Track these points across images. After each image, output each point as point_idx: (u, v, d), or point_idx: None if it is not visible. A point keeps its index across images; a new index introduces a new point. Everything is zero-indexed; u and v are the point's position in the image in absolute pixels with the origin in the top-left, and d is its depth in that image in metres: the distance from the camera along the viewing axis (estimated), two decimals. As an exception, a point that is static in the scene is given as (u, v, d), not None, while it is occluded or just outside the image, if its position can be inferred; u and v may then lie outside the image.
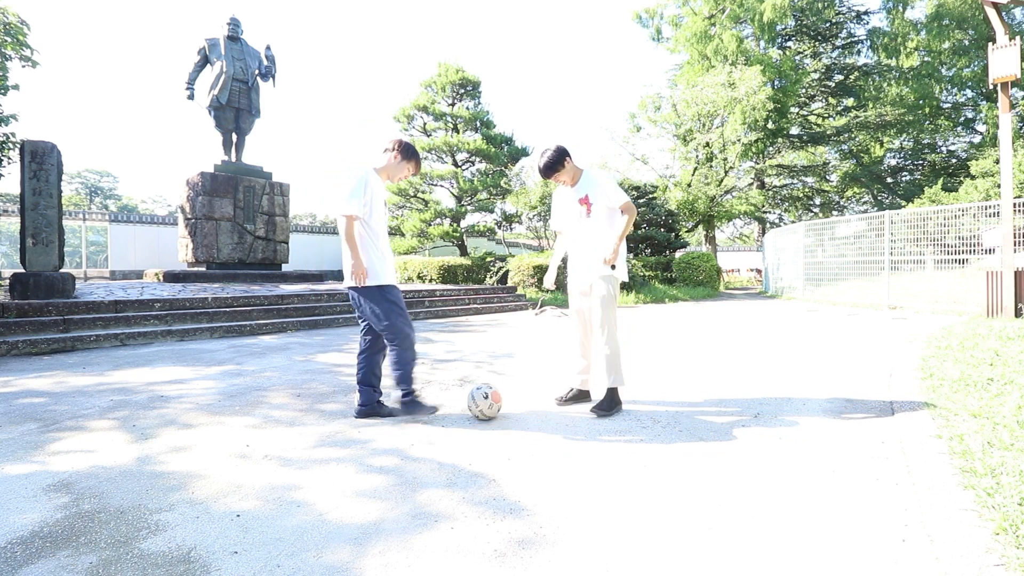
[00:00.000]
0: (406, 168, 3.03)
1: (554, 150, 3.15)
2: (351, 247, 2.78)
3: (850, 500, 1.92)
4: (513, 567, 1.50)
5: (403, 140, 3.02)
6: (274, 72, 12.05)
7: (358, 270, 2.78)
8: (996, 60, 7.20)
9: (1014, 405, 2.78)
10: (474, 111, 17.47)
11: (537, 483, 2.10)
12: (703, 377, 4.12)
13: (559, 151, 3.15)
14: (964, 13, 21.76)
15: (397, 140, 3.02)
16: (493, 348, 5.68)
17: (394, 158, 2.98)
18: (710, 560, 1.53)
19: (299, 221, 37.49)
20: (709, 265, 16.95)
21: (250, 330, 6.67)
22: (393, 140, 3.03)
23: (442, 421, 2.95)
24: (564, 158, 3.15)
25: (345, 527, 1.73)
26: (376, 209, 2.89)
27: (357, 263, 2.78)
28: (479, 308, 10.19)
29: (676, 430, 2.76)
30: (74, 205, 37.84)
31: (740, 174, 23.40)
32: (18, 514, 1.80)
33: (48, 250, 6.18)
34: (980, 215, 10.64)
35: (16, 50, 8.44)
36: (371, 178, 2.86)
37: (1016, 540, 1.51)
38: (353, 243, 2.77)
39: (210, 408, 3.18)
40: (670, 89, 24.20)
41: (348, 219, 2.75)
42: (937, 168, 26.36)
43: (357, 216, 2.77)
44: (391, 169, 3.00)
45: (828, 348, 5.58)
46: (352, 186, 2.77)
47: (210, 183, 10.88)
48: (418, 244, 17.44)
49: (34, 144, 6.08)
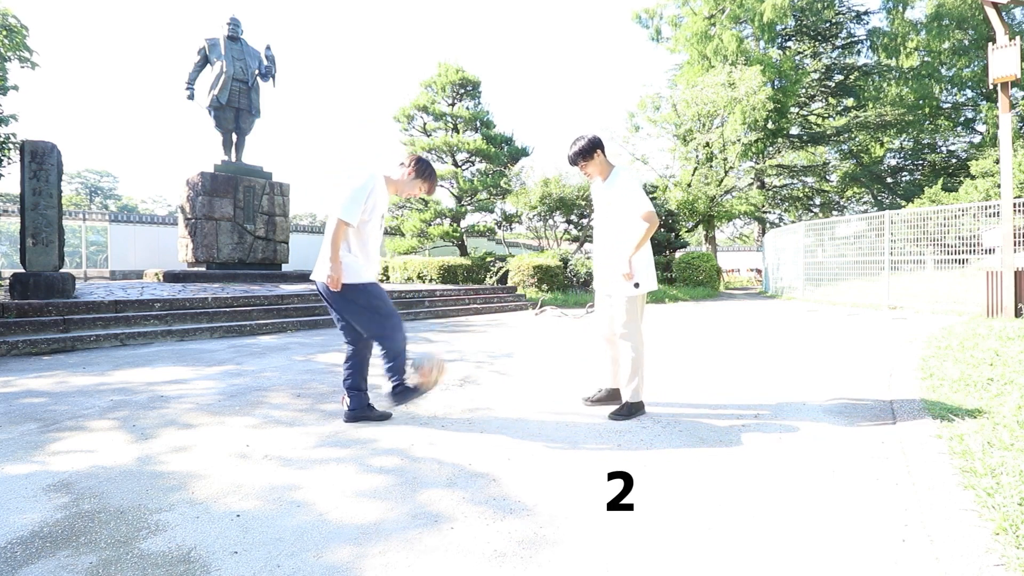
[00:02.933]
0: (418, 187, 2.96)
1: (587, 140, 3.02)
2: (333, 251, 2.67)
3: (850, 500, 1.92)
4: (514, 567, 1.50)
5: (421, 158, 2.95)
6: (274, 72, 12.04)
7: (335, 275, 2.67)
8: (996, 60, 7.20)
9: (1014, 405, 2.78)
10: (474, 111, 17.47)
11: (537, 483, 2.10)
12: (703, 377, 4.12)
13: (591, 142, 3.01)
14: (964, 13, 21.75)
15: (415, 157, 2.95)
16: (493, 348, 5.68)
17: (408, 174, 2.92)
18: (710, 560, 1.53)
19: (299, 221, 37.48)
20: (709, 265, 16.95)
21: (250, 330, 6.67)
22: (411, 156, 2.96)
23: (442, 421, 2.95)
24: (595, 150, 3.02)
25: (345, 527, 1.73)
26: (373, 219, 2.81)
27: (336, 267, 2.67)
28: (479, 308, 10.19)
29: (676, 430, 2.76)
30: (74, 205, 37.83)
31: (740, 174, 23.37)
32: (18, 514, 1.80)
33: (48, 250, 6.18)
34: (980, 215, 10.64)
35: (15, 51, 8.45)
36: (377, 187, 2.78)
37: (1016, 540, 1.51)
38: (336, 248, 2.67)
39: (210, 408, 3.18)
40: (670, 89, 24.19)
41: (340, 224, 2.67)
42: (937, 168, 26.35)
43: (352, 225, 2.70)
44: (402, 184, 2.94)
45: (828, 348, 5.57)
46: (355, 193, 2.69)
47: (210, 183, 10.87)
48: (418, 244, 17.43)
49: (34, 144, 6.08)
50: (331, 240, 2.67)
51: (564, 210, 17.30)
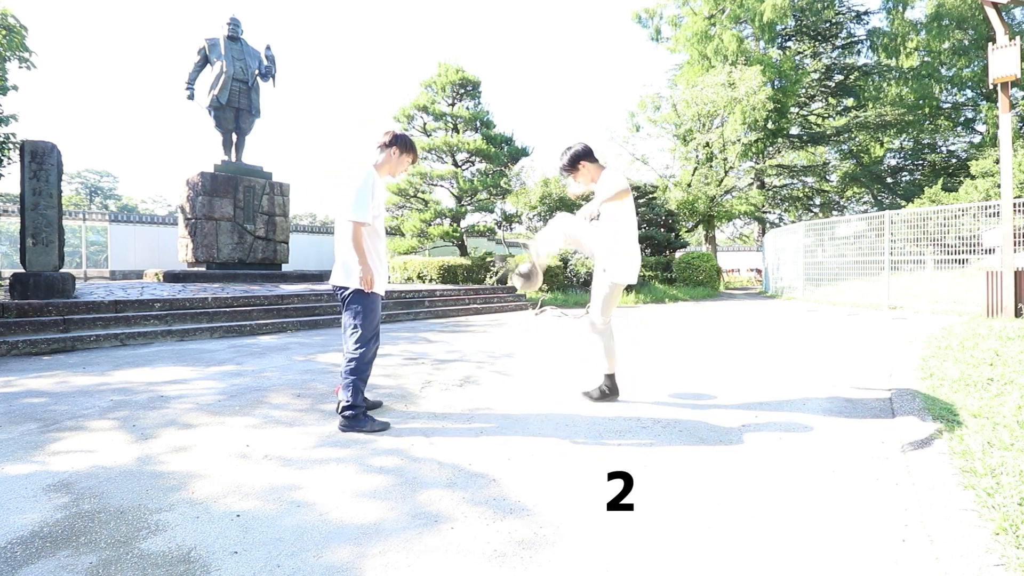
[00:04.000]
0: (406, 161, 2.97)
1: (570, 153, 3.09)
2: (359, 254, 2.73)
3: (850, 500, 1.92)
4: (513, 567, 1.50)
5: (397, 133, 2.92)
6: (274, 72, 12.04)
7: (367, 276, 2.74)
8: (996, 60, 7.20)
9: (1014, 405, 2.78)
10: (474, 111, 17.46)
11: (537, 483, 2.10)
12: (703, 377, 4.12)
13: (574, 154, 3.08)
14: (964, 13, 21.74)
15: (392, 134, 2.91)
16: (494, 348, 5.68)
17: (393, 153, 2.91)
18: (710, 560, 1.53)
19: (299, 221, 37.49)
20: (709, 265, 16.95)
21: (250, 330, 6.67)
22: (387, 134, 2.92)
23: (442, 421, 2.95)
24: (578, 161, 3.09)
25: (345, 527, 1.73)
26: (380, 213, 2.87)
27: (366, 269, 2.74)
28: (479, 308, 10.19)
29: (676, 430, 2.76)
30: (74, 205, 37.83)
31: (740, 174, 23.39)
32: (18, 514, 1.80)
33: (48, 250, 6.18)
34: (980, 215, 10.64)
35: (15, 52, 8.44)
36: (376, 181, 2.81)
37: (1016, 540, 1.51)
38: (362, 250, 2.73)
39: (210, 408, 3.18)
40: (670, 89, 24.18)
41: (357, 226, 2.70)
42: (937, 168, 26.33)
43: (368, 223, 2.74)
44: (392, 165, 2.94)
45: (828, 348, 5.57)
46: (360, 192, 2.71)
47: (210, 183, 10.87)
48: (418, 244, 17.42)
49: (34, 144, 6.08)
50: (355, 247, 2.71)
51: (564, 210, 17.30)
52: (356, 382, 2.76)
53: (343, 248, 2.80)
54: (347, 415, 2.74)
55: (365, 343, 2.81)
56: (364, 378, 2.81)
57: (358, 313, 2.81)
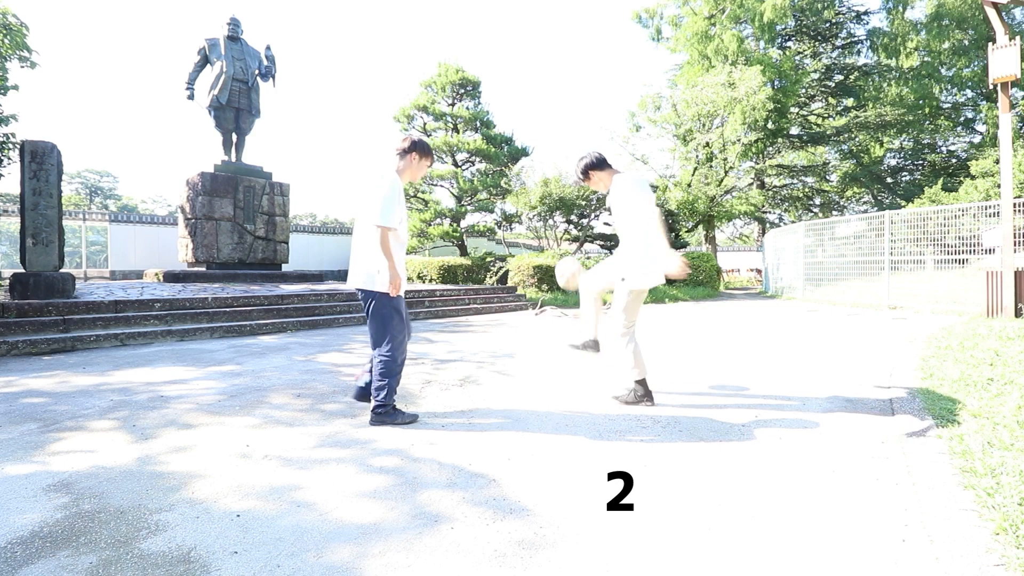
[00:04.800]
0: (424, 165, 3.07)
1: (584, 163, 3.24)
2: (388, 259, 2.79)
3: (850, 500, 1.92)
4: (513, 567, 1.50)
5: (416, 139, 3.00)
6: (274, 72, 12.04)
7: (395, 281, 2.81)
8: (996, 60, 7.20)
9: (1014, 405, 2.78)
10: (474, 111, 17.47)
11: (537, 483, 2.10)
12: (703, 377, 4.12)
13: (587, 165, 3.23)
14: (964, 13, 21.72)
15: (411, 140, 2.99)
16: (494, 348, 5.68)
17: (413, 158, 2.99)
18: (710, 560, 1.53)
19: (299, 221, 37.47)
20: (709, 265, 16.95)
21: (250, 330, 6.66)
22: (406, 140, 3.00)
23: (443, 421, 2.95)
24: (590, 171, 3.24)
25: (345, 527, 1.73)
26: (403, 217, 2.93)
27: (394, 274, 2.81)
28: (479, 308, 10.19)
29: (676, 430, 2.76)
30: (74, 205, 37.83)
31: (740, 174, 23.37)
32: (18, 514, 1.80)
33: (48, 250, 6.18)
34: (980, 215, 10.63)
35: (15, 51, 8.44)
36: (400, 187, 2.89)
37: (1016, 540, 1.51)
38: (391, 254, 2.79)
39: (210, 408, 3.18)
40: (670, 89, 24.16)
41: (385, 232, 2.76)
42: (937, 168, 26.32)
43: (395, 228, 2.80)
44: (412, 170, 3.02)
45: (828, 348, 5.57)
46: (390, 198, 2.77)
47: (210, 183, 10.87)
48: (418, 244, 17.44)
49: (34, 144, 6.08)
50: (384, 252, 2.79)
51: (564, 210, 17.31)
52: (391, 383, 2.85)
53: (365, 251, 2.85)
54: (379, 411, 2.85)
55: (397, 345, 2.88)
56: (397, 379, 2.90)
57: (387, 316, 2.87)
